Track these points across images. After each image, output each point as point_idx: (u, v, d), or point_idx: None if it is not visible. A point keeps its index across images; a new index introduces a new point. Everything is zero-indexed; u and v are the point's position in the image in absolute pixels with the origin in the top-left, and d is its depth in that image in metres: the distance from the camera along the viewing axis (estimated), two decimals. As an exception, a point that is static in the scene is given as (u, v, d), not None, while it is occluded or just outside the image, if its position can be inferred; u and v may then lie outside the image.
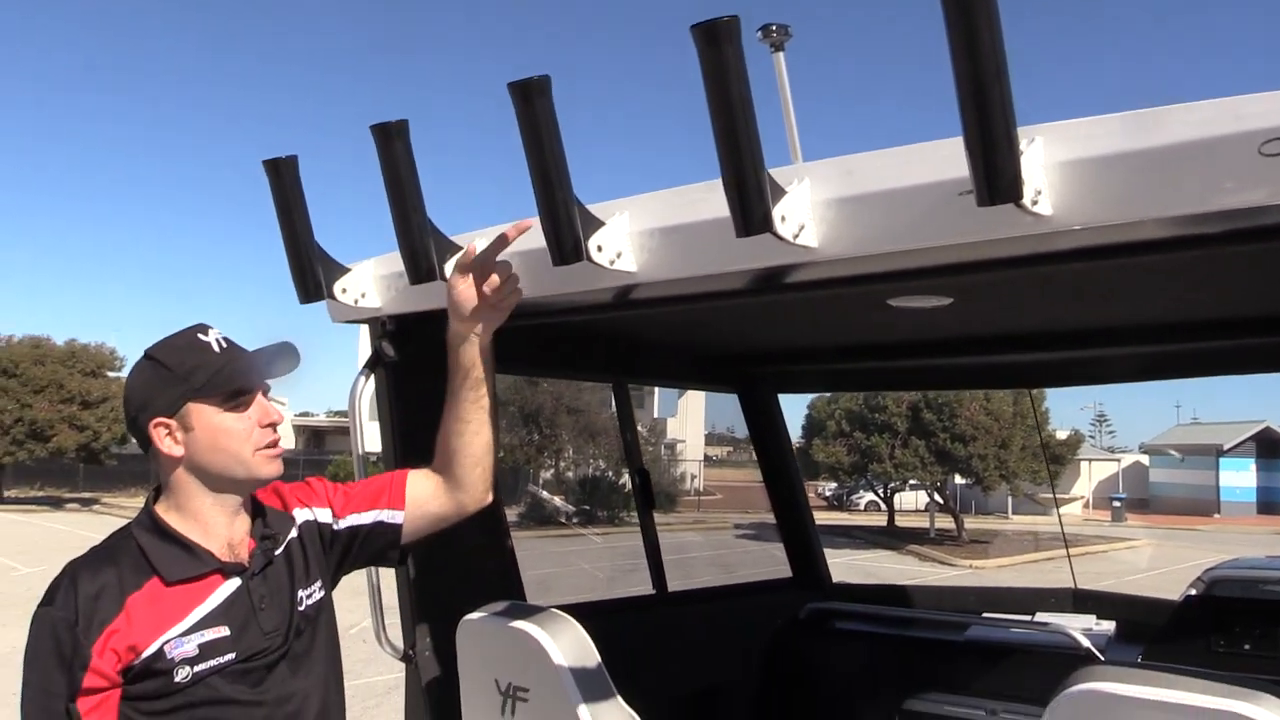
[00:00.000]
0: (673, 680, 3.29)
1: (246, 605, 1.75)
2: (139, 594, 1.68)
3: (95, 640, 1.63)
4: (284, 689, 1.77)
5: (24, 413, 32.55)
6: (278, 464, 1.82)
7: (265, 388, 1.83)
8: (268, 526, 1.87)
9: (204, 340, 1.80)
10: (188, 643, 1.67)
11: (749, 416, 4.10)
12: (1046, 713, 1.79)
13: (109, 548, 1.77)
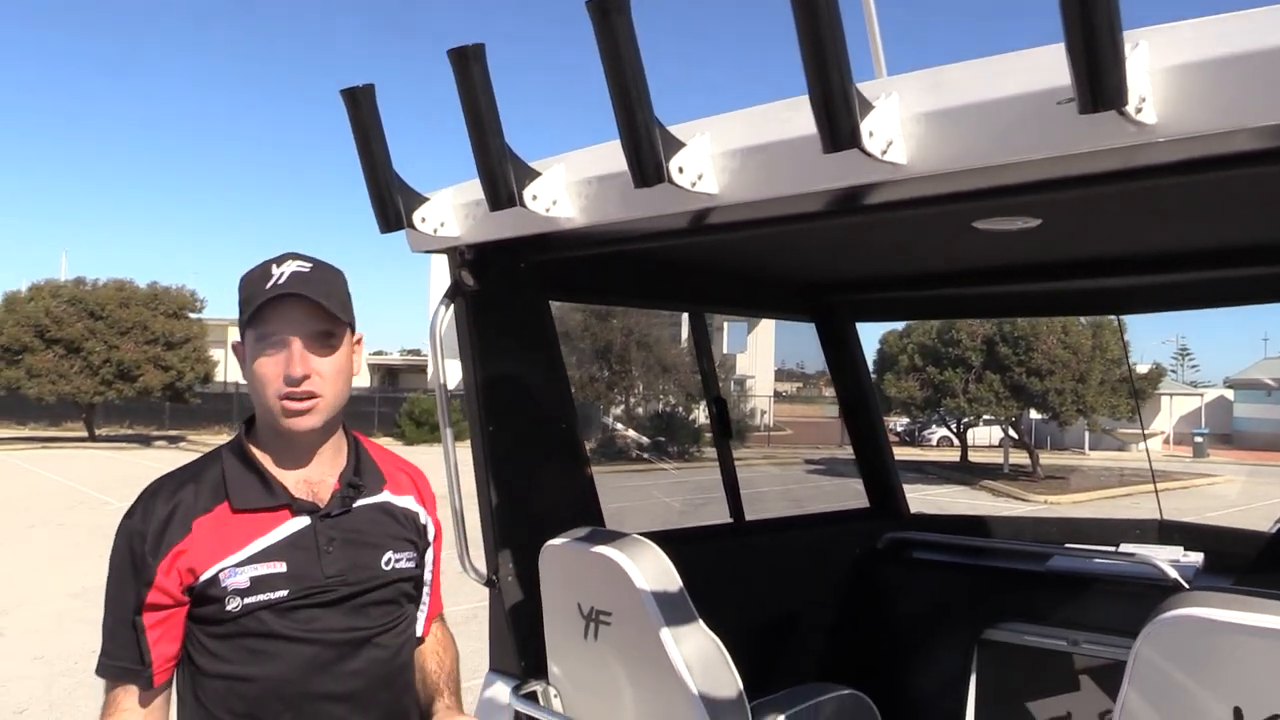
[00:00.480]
0: (750, 608, 3.31)
1: (311, 545, 1.72)
2: (206, 517, 1.71)
3: (162, 559, 1.68)
4: (340, 631, 1.74)
5: (111, 354, 33.62)
6: (299, 420, 1.70)
7: (304, 340, 1.70)
8: (358, 476, 1.82)
9: (270, 270, 1.72)
10: (241, 574, 1.67)
11: (826, 346, 4.06)
12: (1140, 638, 1.76)
13: (195, 467, 1.80)
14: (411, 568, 1.86)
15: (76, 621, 10.23)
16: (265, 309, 1.68)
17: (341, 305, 1.73)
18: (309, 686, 1.70)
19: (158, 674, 1.70)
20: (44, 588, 11.84)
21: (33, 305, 33.63)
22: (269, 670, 1.69)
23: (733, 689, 2.45)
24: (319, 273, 1.75)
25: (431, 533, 1.94)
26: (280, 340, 1.68)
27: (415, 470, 1.99)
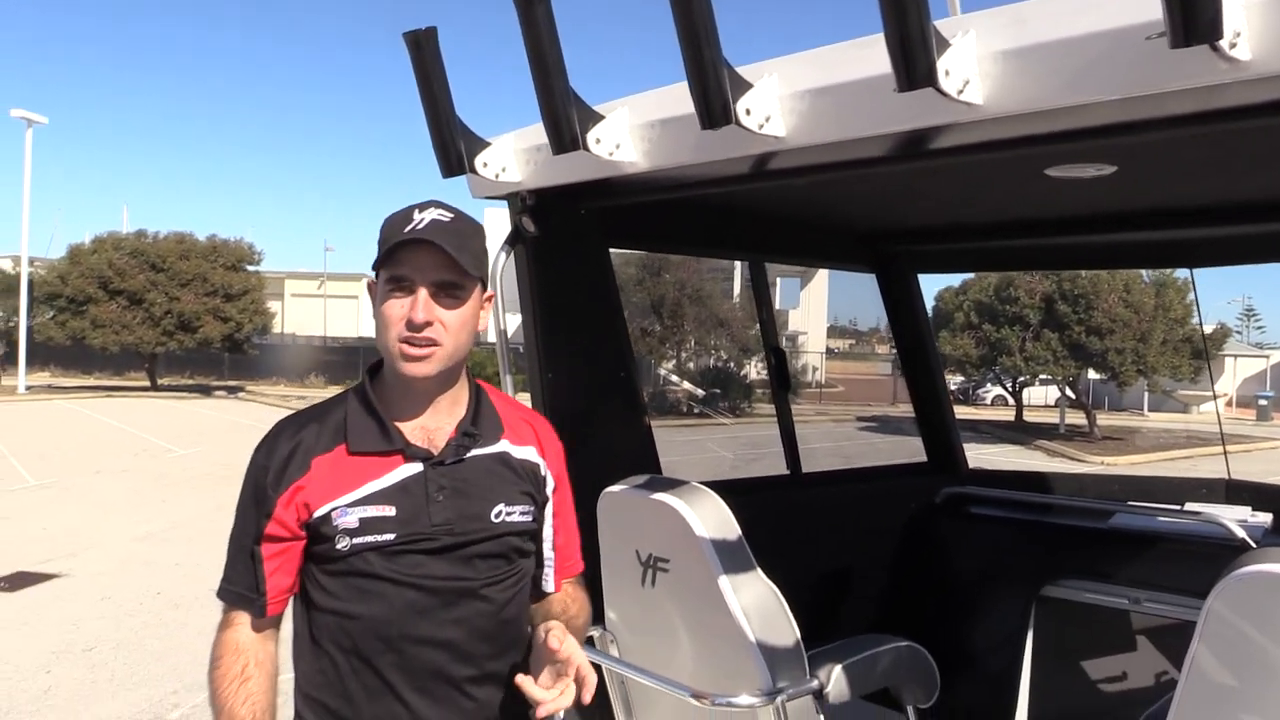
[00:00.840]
0: (806, 560, 3.30)
1: (421, 491, 1.73)
2: (325, 457, 1.74)
3: (282, 494, 1.73)
4: (444, 580, 1.74)
5: (172, 305, 34.28)
6: (415, 366, 1.70)
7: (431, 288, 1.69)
8: (475, 426, 1.81)
9: (411, 215, 1.72)
10: (351, 514, 1.70)
11: (887, 298, 4.00)
12: (1213, 594, 1.72)
13: (321, 408, 1.85)
14: (526, 521, 1.83)
15: (141, 565, 10.53)
16: (398, 251, 1.69)
17: (474, 260, 1.73)
18: (409, 630, 1.72)
19: (271, 604, 1.76)
20: (109, 532, 12.19)
21: (96, 257, 34.34)
22: (373, 610, 1.72)
23: (790, 637, 2.45)
24: (457, 224, 1.73)
25: (551, 485, 1.90)
26: (408, 285, 1.69)
27: (540, 421, 1.95)
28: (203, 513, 13.62)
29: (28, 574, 9.96)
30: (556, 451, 1.93)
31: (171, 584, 9.72)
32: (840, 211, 3.34)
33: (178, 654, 7.70)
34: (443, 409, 1.80)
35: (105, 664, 7.44)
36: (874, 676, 2.63)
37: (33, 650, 7.71)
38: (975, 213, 3.30)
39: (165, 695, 6.84)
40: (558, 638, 1.64)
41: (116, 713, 6.53)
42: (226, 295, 35.46)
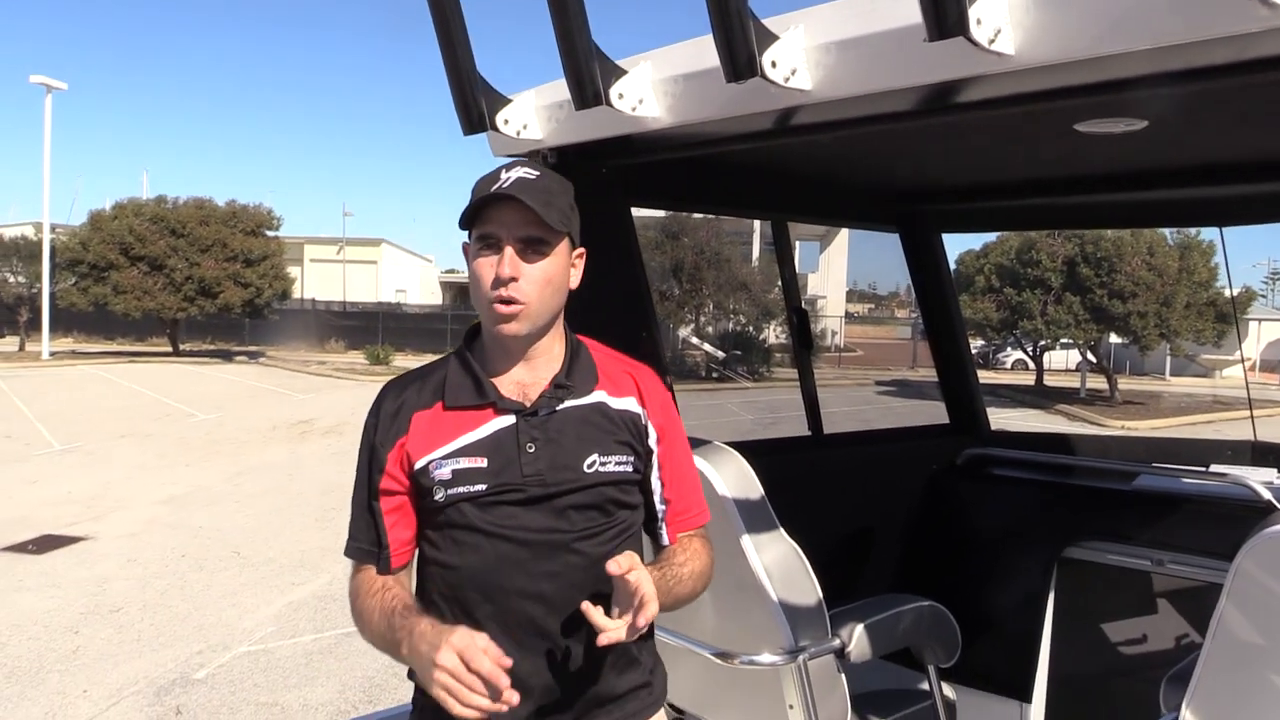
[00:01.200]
0: (828, 520, 3.30)
1: (512, 443, 1.76)
2: (424, 413, 1.80)
3: (390, 449, 1.79)
4: (537, 532, 1.75)
5: (193, 271, 34.46)
6: (507, 324, 1.73)
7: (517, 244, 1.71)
8: (568, 377, 1.82)
9: (500, 174, 1.74)
10: (445, 466, 1.75)
11: (911, 258, 3.96)
12: (1241, 553, 1.71)
13: (426, 368, 1.90)
14: (624, 472, 1.82)
15: (166, 527, 10.65)
16: (485, 209, 1.72)
17: (561, 216, 1.74)
18: (503, 581, 1.75)
19: (394, 556, 1.81)
20: (134, 495, 12.33)
21: (117, 224, 34.50)
22: (469, 561, 1.77)
23: (812, 596, 2.45)
24: (544, 181, 1.75)
25: (655, 437, 1.88)
26: (495, 242, 1.73)
27: (644, 372, 1.94)
28: (225, 476, 13.75)
29: (55, 536, 10.10)
30: (662, 403, 1.91)
31: (196, 546, 9.84)
32: (865, 169, 3.30)
33: (203, 614, 7.80)
34: (538, 364, 1.82)
35: (132, 624, 7.55)
36: (896, 636, 2.63)
37: (61, 611, 7.83)
38: (1002, 171, 3.25)
39: (191, 655, 6.94)
40: (619, 563, 1.62)
41: (144, 672, 6.63)
42: (246, 261, 35.59)
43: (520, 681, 1.73)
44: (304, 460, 15.24)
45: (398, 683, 6.35)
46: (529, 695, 1.76)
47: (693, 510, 1.94)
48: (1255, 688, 1.70)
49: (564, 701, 1.79)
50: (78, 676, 6.54)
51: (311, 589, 8.50)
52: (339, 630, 7.37)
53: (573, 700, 1.80)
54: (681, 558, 1.87)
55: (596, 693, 1.82)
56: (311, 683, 6.48)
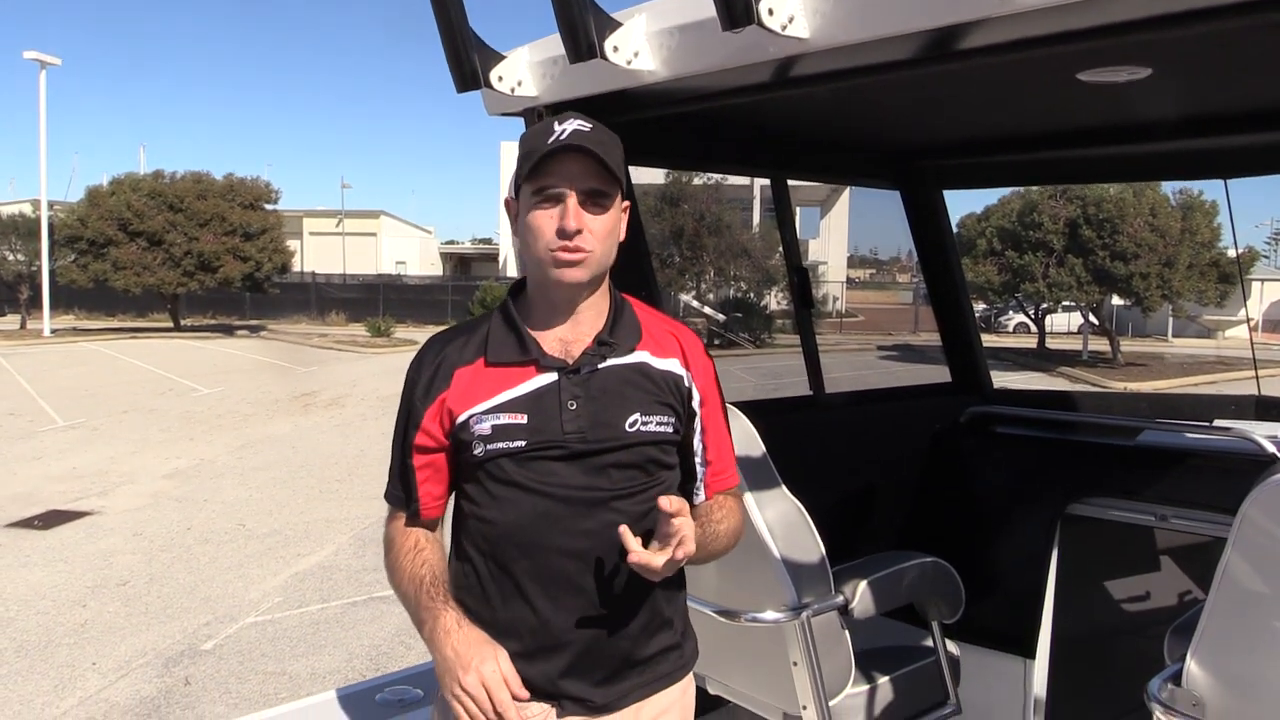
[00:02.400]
0: (831, 479, 3.29)
1: (554, 400, 1.76)
2: (466, 369, 1.80)
3: (429, 406, 1.80)
4: (576, 489, 1.76)
5: (192, 245, 34.38)
6: (569, 271, 1.72)
7: (580, 196, 1.70)
8: (612, 335, 1.81)
9: (553, 127, 1.72)
10: (485, 421, 1.75)
11: (912, 215, 3.92)
12: (1247, 501, 1.70)
13: (467, 324, 1.90)
14: (666, 432, 1.81)
15: (171, 501, 10.69)
16: (546, 161, 1.70)
17: (618, 165, 1.73)
18: (541, 537, 1.75)
19: (424, 509, 1.84)
20: (139, 470, 12.37)
21: (114, 199, 34.39)
22: (507, 516, 1.77)
23: (815, 553, 2.45)
24: (599, 133, 1.74)
25: (698, 399, 1.87)
26: (557, 194, 1.71)
27: (687, 334, 1.93)
28: (229, 450, 13.78)
29: (60, 512, 10.14)
30: (704, 367, 1.91)
31: (201, 520, 9.88)
32: (865, 125, 3.26)
33: (210, 587, 7.84)
34: (584, 320, 1.81)
35: (140, 598, 7.59)
36: (899, 592, 2.63)
37: (68, 586, 7.87)
38: (1004, 125, 3.22)
39: (199, 627, 6.98)
40: (670, 501, 1.64)
41: (152, 644, 6.67)
42: (245, 234, 35.50)
43: (554, 638, 1.78)
44: (307, 433, 15.27)
45: (404, 650, 6.39)
46: (562, 651, 1.78)
47: (728, 472, 1.96)
48: (1260, 636, 1.69)
49: (597, 659, 1.80)
50: (86, 649, 6.59)
51: (317, 559, 8.53)
52: (345, 600, 7.41)
53: (605, 658, 1.81)
54: (719, 514, 1.90)
55: (629, 652, 1.83)
56: (319, 651, 6.51)
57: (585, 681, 1.80)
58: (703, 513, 1.88)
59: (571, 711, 1.81)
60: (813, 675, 2.41)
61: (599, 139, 1.72)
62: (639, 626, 1.83)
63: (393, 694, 2.52)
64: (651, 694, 1.87)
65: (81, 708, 5.74)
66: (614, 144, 1.76)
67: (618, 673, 1.83)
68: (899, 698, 2.65)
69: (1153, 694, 1.73)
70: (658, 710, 1.89)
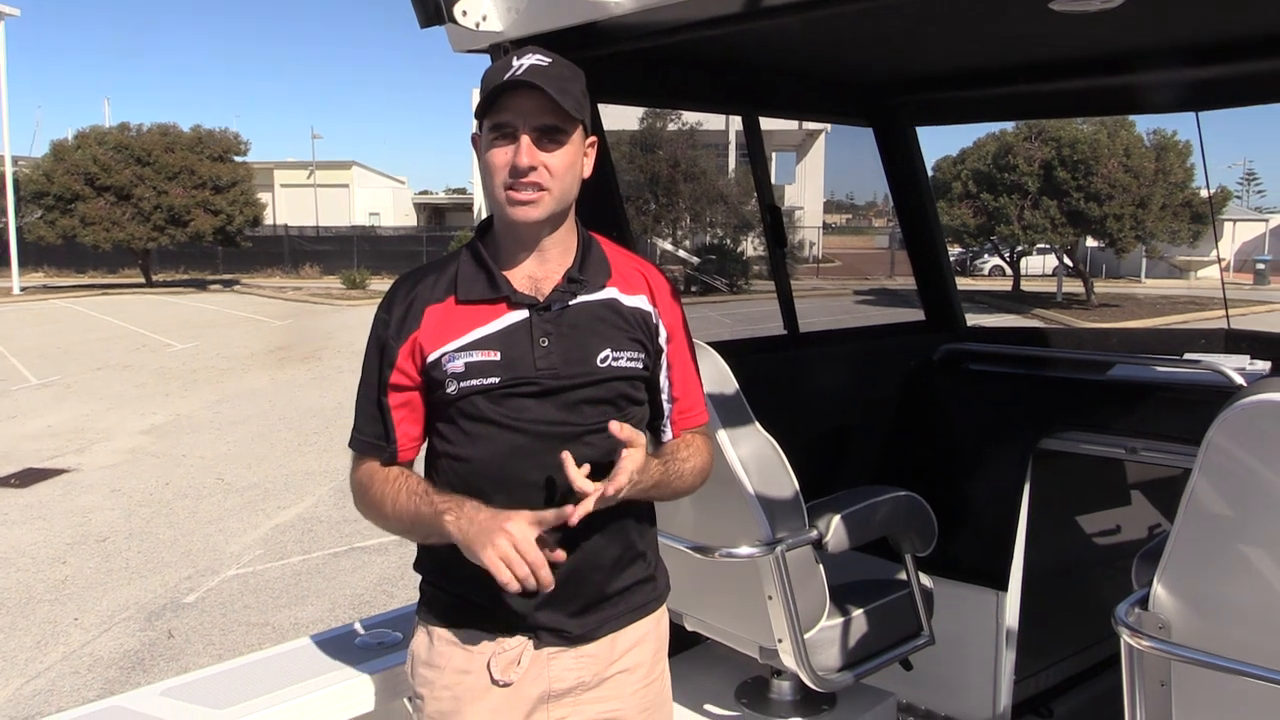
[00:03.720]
0: (805, 417, 3.30)
1: (526, 336, 1.76)
2: (437, 307, 1.79)
3: (402, 344, 1.79)
4: (549, 424, 1.76)
5: (161, 199, 33.87)
6: (524, 210, 1.71)
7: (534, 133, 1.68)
8: (581, 271, 1.81)
9: (511, 62, 1.70)
10: (458, 359, 1.75)
11: (885, 152, 3.90)
12: (1214, 426, 1.71)
13: (436, 263, 1.88)
14: (636, 368, 1.83)
15: (148, 456, 10.65)
16: (500, 98, 1.68)
17: (576, 103, 1.71)
18: (514, 472, 1.77)
19: (401, 450, 1.83)
20: (115, 427, 12.30)
21: (80, 154, 33.78)
22: (481, 453, 1.78)
23: (789, 489, 2.47)
24: (557, 67, 1.71)
25: (665, 336, 1.89)
26: (511, 130, 1.70)
27: (654, 273, 1.93)
28: (205, 404, 13.72)
29: (37, 470, 10.09)
30: (671, 304, 1.91)
31: (180, 475, 9.85)
32: (836, 60, 3.23)
33: (190, 540, 7.85)
34: (551, 257, 1.81)
35: (119, 553, 7.59)
36: (872, 526, 2.65)
37: (47, 543, 7.85)
38: (976, 58, 3.19)
39: (180, 580, 6.99)
40: (621, 427, 1.66)
41: (134, 599, 6.68)
42: (215, 187, 35.00)
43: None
44: (284, 386, 15.21)
45: (385, 599, 6.43)
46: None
47: (695, 409, 1.97)
48: (1226, 559, 1.72)
49: (573, 591, 1.82)
50: (68, 605, 6.59)
51: (297, 511, 8.54)
52: (326, 551, 7.44)
53: (580, 590, 1.83)
54: (685, 453, 1.91)
55: (603, 584, 1.86)
56: (301, 602, 6.54)
57: (561, 613, 1.82)
58: (669, 451, 1.90)
59: (548, 643, 1.83)
60: (788, 609, 2.44)
61: (556, 73, 1.70)
62: (612, 558, 1.85)
63: (372, 637, 2.53)
64: (626, 625, 1.90)
65: (65, 662, 5.75)
66: (574, 78, 1.74)
67: (593, 604, 1.85)
68: (873, 630, 2.69)
69: (1119, 618, 1.76)
70: (633, 641, 1.91)
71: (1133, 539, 3.70)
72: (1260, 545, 1.65)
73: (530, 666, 1.83)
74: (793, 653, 2.48)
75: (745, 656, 2.74)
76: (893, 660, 2.73)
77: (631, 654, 1.92)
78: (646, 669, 1.95)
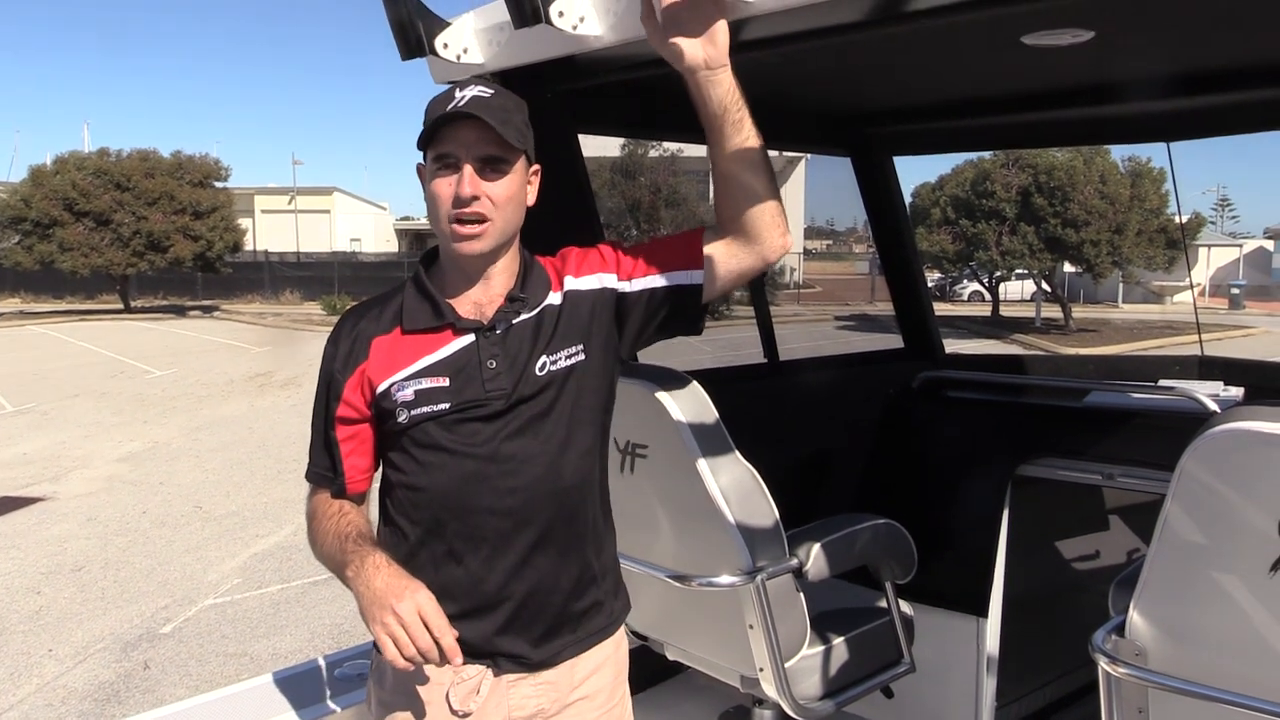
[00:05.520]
0: (784, 446, 3.31)
1: (473, 361, 1.77)
2: (383, 338, 1.81)
3: (349, 377, 1.80)
4: (501, 447, 1.76)
5: (140, 225, 33.70)
6: (469, 243, 1.73)
7: (476, 163, 1.70)
8: (522, 291, 1.83)
9: (454, 94, 1.72)
10: (407, 388, 1.76)
11: (862, 182, 3.95)
12: (1186, 454, 1.73)
13: (381, 296, 1.90)
14: (576, 362, 1.82)
15: (125, 484, 10.56)
16: (441, 129, 1.71)
17: (517, 133, 1.73)
18: (470, 499, 1.76)
19: (350, 483, 1.84)
20: (91, 454, 12.19)
21: (59, 179, 33.61)
22: (435, 481, 1.78)
23: (769, 518, 2.47)
24: (499, 98, 1.74)
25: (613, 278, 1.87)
26: (453, 161, 1.72)
27: (560, 255, 1.93)
28: (184, 432, 13.62)
29: (12, 498, 9.98)
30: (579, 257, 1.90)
31: (157, 503, 9.76)
32: (813, 91, 3.27)
33: (167, 570, 7.77)
34: (495, 282, 1.82)
35: (95, 583, 7.50)
36: (852, 554, 2.65)
37: (22, 572, 7.76)
38: (950, 90, 3.24)
39: (157, 611, 6.91)
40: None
41: (110, 629, 6.61)
42: (195, 213, 34.87)
43: (488, 597, 1.79)
44: (263, 413, 15.12)
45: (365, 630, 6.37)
46: (497, 609, 1.80)
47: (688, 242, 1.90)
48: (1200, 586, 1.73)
49: (531, 616, 1.82)
50: (42, 636, 6.51)
51: (276, 540, 8.48)
52: (305, 580, 7.38)
53: (539, 615, 1.83)
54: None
55: (562, 608, 1.85)
56: (280, 632, 6.49)
57: (521, 639, 1.82)
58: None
59: (508, 669, 1.83)
60: (768, 638, 2.44)
61: (499, 104, 1.72)
62: (570, 581, 1.85)
63: (351, 668, 2.51)
64: (585, 649, 1.90)
65: (39, 695, 5.67)
66: (516, 109, 1.76)
67: (552, 630, 1.84)
68: (854, 658, 2.69)
69: (1097, 645, 1.77)
70: (593, 666, 1.91)
71: (1111, 564, 3.73)
72: (1233, 572, 1.67)
73: (490, 695, 1.82)
74: (774, 681, 2.48)
75: (727, 686, 2.74)
76: (874, 688, 2.73)
77: (591, 680, 1.92)
78: (606, 694, 1.95)
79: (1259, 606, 1.61)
